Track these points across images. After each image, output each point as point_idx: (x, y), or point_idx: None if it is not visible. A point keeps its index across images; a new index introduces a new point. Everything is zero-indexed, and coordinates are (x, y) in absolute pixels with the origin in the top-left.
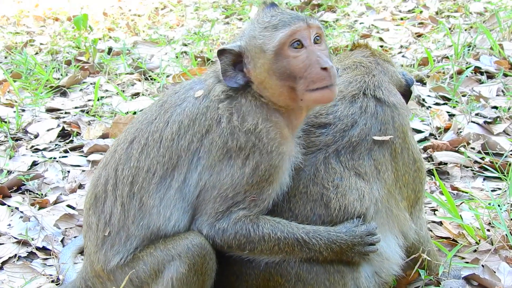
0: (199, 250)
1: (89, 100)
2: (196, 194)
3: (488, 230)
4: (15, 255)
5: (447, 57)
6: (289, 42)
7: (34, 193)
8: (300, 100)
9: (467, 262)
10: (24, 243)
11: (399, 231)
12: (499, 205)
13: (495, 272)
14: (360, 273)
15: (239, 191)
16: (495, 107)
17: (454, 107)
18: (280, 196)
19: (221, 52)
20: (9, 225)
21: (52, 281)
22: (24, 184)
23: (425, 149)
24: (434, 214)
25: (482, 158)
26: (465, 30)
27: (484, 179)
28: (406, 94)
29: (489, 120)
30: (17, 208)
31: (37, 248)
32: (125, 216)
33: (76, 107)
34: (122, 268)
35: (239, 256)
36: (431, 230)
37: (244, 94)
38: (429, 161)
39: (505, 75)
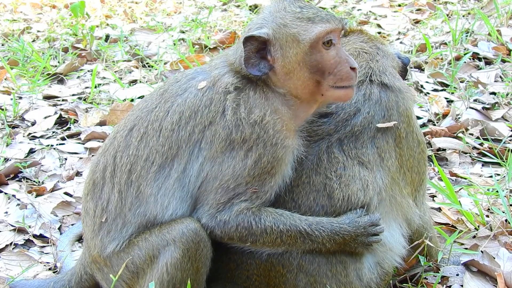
0: (194, 235)
1: (86, 88)
2: (198, 185)
3: (487, 216)
4: (12, 242)
5: (445, 43)
6: (324, 38)
7: (31, 180)
8: (320, 95)
9: (466, 248)
10: (21, 230)
11: (403, 219)
12: (497, 191)
13: (494, 258)
14: (362, 264)
15: (241, 182)
16: (493, 93)
17: (452, 93)
18: (282, 188)
19: (248, 39)
20: (6, 212)
21: (49, 269)
22: (21, 172)
23: (423, 135)
24: (433, 200)
25: (481, 144)
26: (463, 16)
27: (482, 165)
28: (402, 73)
29: (487, 106)
30: (14, 195)
31: (34, 236)
32: (122, 203)
33: (73, 95)
34: (118, 254)
35: (240, 248)
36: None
37: (252, 87)
38: (427, 147)
39: (503, 61)
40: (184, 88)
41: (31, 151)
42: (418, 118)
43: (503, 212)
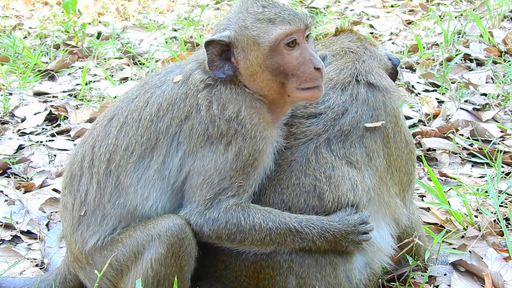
0: (179, 231)
1: (77, 84)
2: (181, 180)
3: (476, 216)
4: None
5: (437, 44)
6: (285, 39)
7: (19, 176)
8: (287, 96)
9: (454, 248)
10: (8, 226)
11: (391, 219)
12: (486, 192)
13: (482, 258)
14: (353, 265)
15: (224, 176)
16: (484, 94)
17: (443, 93)
18: (264, 180)
19: (209, 43)
20: None
21: (36, 265)
22: (10, 168)
23: (414, 135)
24: (422, 200)
25: (471, 145)
26: (455, 17)
27: (472, 166)
28: (393, 74)
29: (478, 107)
30: (1, 191)
31: (22, 232)
32: (101, 194)
33: (64, 91)
34: (101, 252)
35: (228, 248)
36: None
37: (224, 82)
38: (417, 148)
39: (495, 62)
40: (163, 81)
41: (20, 147)
42: (409, 118)
43: (492, 213)
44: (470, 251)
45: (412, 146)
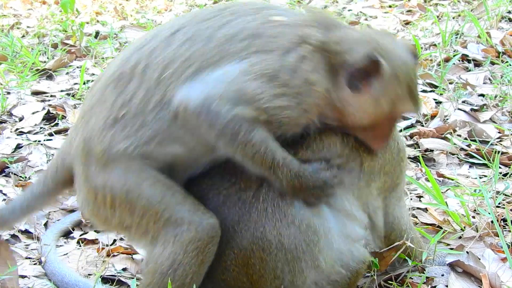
0: (211, 230)
1: (75, 84)
2: None
3: (473, 217)
4: None
5: (435, 45)
6: (404, 114)
7: (18, 176)
8: (340, 126)
9: (451, 249)
10: None
11: (361, 203)
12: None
13: (479, 258)
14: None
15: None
16: (482, 95)
17: (441, 94)
18: None
19: (372, 60)
20: None
21: (34, 264)
22: (8, 167)
23: (411, 136)
24: (420, 200)
25: (469, 145)
26: (453, 18)
27: (470, 166)
28: None
29: (475, 108)
30: (0, 190)
31: (20, 231)
32: (146, 101)
33: (62, 90)
34: (127, 162)
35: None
36: (416, 217)
37: (326, 68)
38: (415, 148)
39: (492, 63)
40: (254, 11)
41: (18, 147)
42: (407, 118)
43: (489, 214)
44: (467, 252)
45: (403, 154)
